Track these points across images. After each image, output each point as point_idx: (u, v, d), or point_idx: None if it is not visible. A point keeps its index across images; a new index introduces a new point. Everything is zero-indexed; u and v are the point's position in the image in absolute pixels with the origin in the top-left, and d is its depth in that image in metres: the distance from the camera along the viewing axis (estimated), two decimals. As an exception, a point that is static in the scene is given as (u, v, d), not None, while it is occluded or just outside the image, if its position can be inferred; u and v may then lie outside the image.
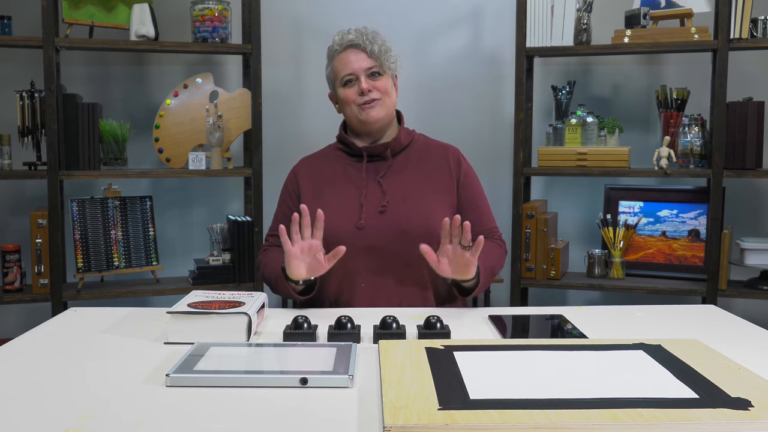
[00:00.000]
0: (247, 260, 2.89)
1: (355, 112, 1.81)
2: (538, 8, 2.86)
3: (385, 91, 1.80)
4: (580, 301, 3.27)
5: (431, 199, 1.80)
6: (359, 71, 1.79)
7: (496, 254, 1.83)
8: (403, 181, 1.81)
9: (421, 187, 1.81)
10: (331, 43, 1.86)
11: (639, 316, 1.62)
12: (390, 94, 1.82)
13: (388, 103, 1.82)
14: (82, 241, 2.76)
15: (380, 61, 1.79)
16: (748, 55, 3.00)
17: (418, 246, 1.74)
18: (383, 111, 1.81)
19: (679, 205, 2.96)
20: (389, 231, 1.74)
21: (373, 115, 1.79)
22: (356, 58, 1.79)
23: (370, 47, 1.78)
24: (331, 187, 1.83)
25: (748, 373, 1.11)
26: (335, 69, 1.83)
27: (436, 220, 1.77)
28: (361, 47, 1.79)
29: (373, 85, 1.79)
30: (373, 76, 1.80)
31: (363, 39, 1.79)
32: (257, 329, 1.47)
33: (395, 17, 3.22)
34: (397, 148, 1.85)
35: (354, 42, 1.79)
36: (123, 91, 3.13)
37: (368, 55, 1.79)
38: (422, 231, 1.74)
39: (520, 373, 1.10)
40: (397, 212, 1.76)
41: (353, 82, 1.80)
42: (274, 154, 3.09)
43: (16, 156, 2.82)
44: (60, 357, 1.28)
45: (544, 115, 3.19)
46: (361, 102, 1.79)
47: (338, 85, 1.83)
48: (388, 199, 1.78)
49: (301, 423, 0.97)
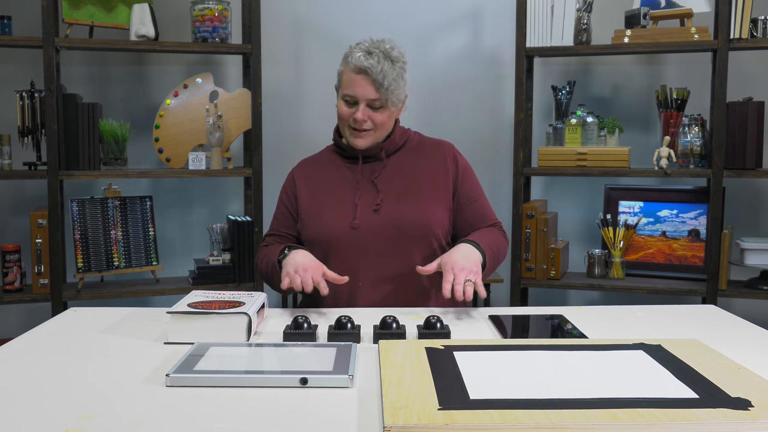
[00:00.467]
0: (247, 260, 2.89)
1: (346, 131, 1.83)
2: (538, 8, 2.86)
3: (380, 124, 1.79)
4: (580, 301, 3.27)
5: (426, 195, 1.80)
6: (361, 99, 1.77)
7: (500, 242, 1.83)
8: (397, 180, 1.82)
9: (416, 185, 1.81)
10: (348, 49, 1.82)
11: (639, 316, 1.62)
12: (384, 126, 1.81)
13: (379, 134, 1.82)
14: (82, 241, 2.76)
15: (386, 97, 1.77)
16: (748, 55, 3.00)
17: (414, 242, 1.75)
18: (371, 140, 1.82)
19: (679, 205, 2.96)
20: (384, 229, 1.75)
21: (359, 143, 1.81)
22: (363, 85, 1.76)
23: (381, 80, 1.75)
24: (327, 189, 1.84)
25: (748, 373, 1.11)
26: (342, 80, 1.82)
27: (432, 215, 1.78)
28: (371, 78, 1.75)
29: (370, 116, 1.78)
30: (374, 108, 1.79)
31: (377, 70, 1.74)
32: (257, 329, 1.47)
33: (395, 17, 3.21)
34: (392, 148, 1.86)
35: (368, 70, 1.75)
36: (123, 91, 3.13)
37: (376, 88, 1.75)
38: (417, 227, 1.75)
39: (520, 373, 1.10)
40: (391, 210, 1.77)
41: (352, 105, 1.79)
42: (274, 154, 3.09)
43: (16, 156, 2.82)
44: (60, 357, 1.28)
45: (544, 115, 3.19)
46: (352, 126, 1.80)
47: (340, 95, 1.83)
48: (381, 198, 1.78)
49: (301, 423, 0.97)
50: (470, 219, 1.84)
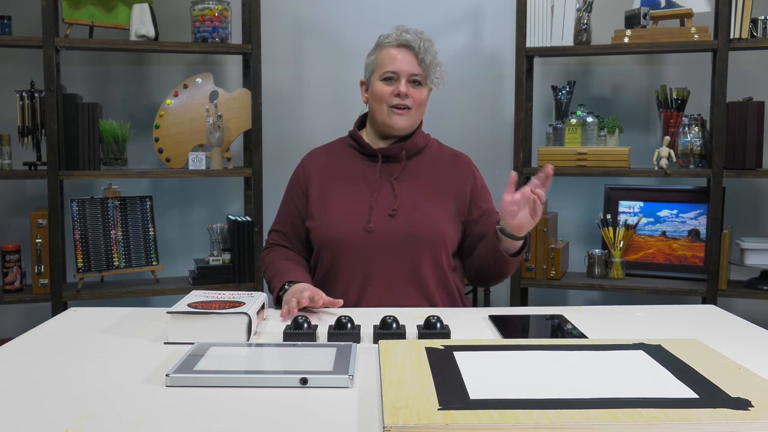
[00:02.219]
0: (247, 260, 2.89)
1: (383, 112, 1.77)
2: (538, 8, 2.86)
3: (419, 102, 1.77)
4: (580, 301, 3.27)
5: (440, 207, 1.78)
6: (403, 73, 1.75)
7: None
8: (415, 186, 1.79)
9: (432, 195, 1.79)
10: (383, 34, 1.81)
11: (639, 316, 1.62)
12: (422, 107, 1.79)
13: (416, 115, 1.79)
14: (82, 241, 2.76)
15: (427, 72, 1.76)
16: (748, 55, 3.00)
17: (424, 251, 1.73)
18: (410, 122, 1.78)
19: (679, 205, 2.96)
20: (397, 236, 1.72)
21: (400, 123, 1.76)
22: (406, 59, 1.75)
23: (423, 55, 1.74)
24: (340, 186, 1.80)
25: (748, 373, 1.11)
26: (380, 59, 1.78)
27: (444, 228, 1.76)
28: (414, 51, 1.75)
29: (411, 92, 1.76)
30: (415, 84, 1.77)
31: (419, 44, 1.74)
32: (257, 329, 1.47)
33: (395, 17, 3.18)
34: (413, 150, 1.82)
35: (410, 43, 1.75)
36: (123, 91, 3.13)
37: (419, 62, 1.75)
38: (429, 238, 1.73)
39: (520, 373, 1.10)
40: (407, 218, 1.74)
41: (393, 81, 1.76)
42: (274, 154, 3.09)
43: (16, 156, 2.82)
44: (60, 357, 1.28)
45: (544, 115, 3.19)
46: (393, 104, 1.75)
47: (376, 77, 1.78)
48: (398, 204, 1.75)
49: (301, 423, 0.97)
50: (484, 230, 1.81)
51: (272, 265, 1.81)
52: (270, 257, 1.84)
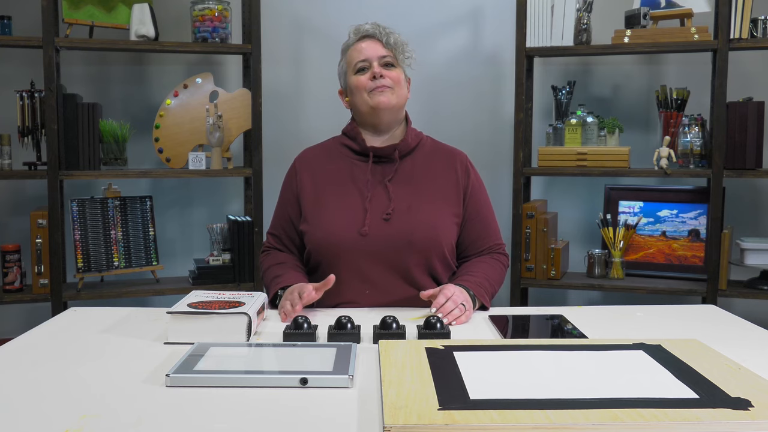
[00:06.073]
0: (247, 260, 2.89)
1: (365, 99, 1.77)
2: (538, 8, 2.86)
3: (397, 81, 1.79)
4: (580, 301, 3.27)
5: (436, 208, 1.77)
6: (373, 58, 1.78)
7: (497, 277, 1.80)
8: (409, 187, 1.78)
9: (427, 195, 1.77)
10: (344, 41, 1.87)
11: (639, 316, 1.62)
12: (401, 85, 1.80)
13: (399, 93, 1.79)
14: (82, 241, 2.76)
15: (395, 53, 1.80)
16: (748, 55, 3.00)
17: (421, 255, 1.72)
18: (394, 98, 1.78)
19: (679, 205, 2.96)
20: (392, 239, 1.71)
21: (383, 100, 1.76)
22: (371, 46, 1.79)
23: (386, 39, 1.79)
24: (333, 188, 1.79)
25: (748, 373, 1.11)
26: (349, 58, 1.82)
27: (441, 230, 1.75)
28: (376, 38, 1.80)
29: (386, 73, 1.78)
30: (387, 66, 1.79)
31: (379, 30, 1.80)
32: (257, 329, 1.47)
33: (395, 17, 3.19)
34: (405, 149, 1.81)
35: (370, 33, 1.81)
36: (123, 91, 3.13)
37: (383, 45, 1.79)
38: (426, 241, 1.72)
39: (520, 373, 1.10)
40: (402, 221, 1.72)
41: (366, 70, 1.78)
42: (274, 154, 3.09)
43: (16, 156, 2.82)
44: (60, 357, 1.28)
45: (544, 115, 3.19)
46: (372, 87, 1.76)
47: (350, 74, 1.81)
48: (393, 207, 1.74)
49: (301, 423, 0.97)
50: (474, 236, 1.81)
51: (267, 272, 1.82)
52: (266, 263, 1.85)
